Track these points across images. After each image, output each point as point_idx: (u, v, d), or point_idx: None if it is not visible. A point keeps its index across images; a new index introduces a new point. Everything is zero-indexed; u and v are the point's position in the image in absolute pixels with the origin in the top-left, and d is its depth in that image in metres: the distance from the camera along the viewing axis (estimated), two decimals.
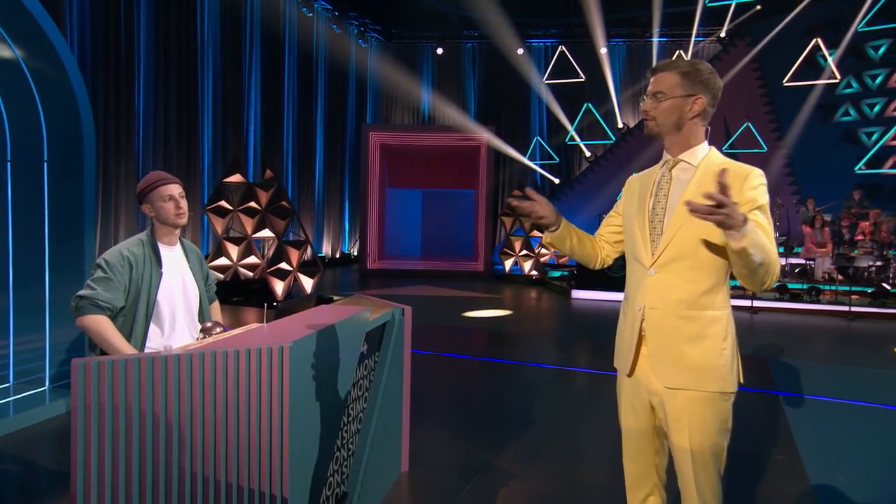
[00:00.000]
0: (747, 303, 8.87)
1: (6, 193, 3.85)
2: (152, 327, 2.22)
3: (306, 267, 8.82)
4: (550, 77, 14.40)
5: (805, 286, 9.44)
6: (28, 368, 3.88)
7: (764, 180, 1.68)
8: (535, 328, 7.45)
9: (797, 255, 11.18)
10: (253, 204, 8.85)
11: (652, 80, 1.79)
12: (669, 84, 1.74)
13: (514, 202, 1.90)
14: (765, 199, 1.66)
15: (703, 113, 1.74)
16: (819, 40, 12.73)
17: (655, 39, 14.84)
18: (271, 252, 8.89)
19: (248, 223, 8.90)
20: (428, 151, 13.57)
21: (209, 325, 2.15)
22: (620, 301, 1.94)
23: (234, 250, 8.83)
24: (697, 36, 14.67)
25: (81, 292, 2.09)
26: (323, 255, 14.16)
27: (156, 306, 2.21)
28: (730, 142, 13.47)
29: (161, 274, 2.25)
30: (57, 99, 3.75)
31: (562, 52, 14.03)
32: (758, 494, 2.85)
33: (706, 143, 1.79)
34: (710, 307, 1.71)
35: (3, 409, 3.46)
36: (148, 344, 2.22)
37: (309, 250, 9.04)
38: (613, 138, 15.17)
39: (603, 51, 14.51)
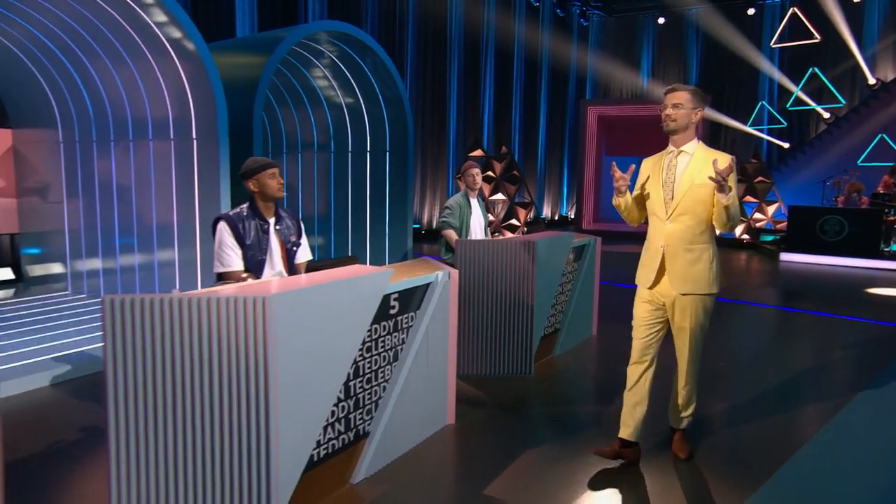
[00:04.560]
0: None
1: (366, 171, 6.69)
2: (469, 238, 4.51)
3: (531, 224, 11.01)
4: (780, 40, 14.04)
5: None
6: None
7: (732, 161, 2.48)
8: (728, 280, 8.46)
9: None
10: (490, 173, 11.27)
11: (669, 95, 2.62)
12: (685, 99, 2.59)
13: (613, 172, 2.70)
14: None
15: (699, 120, 2.67)
16: None
17: None
18: (503, 212, 11.25)
19: (486, 188, 11.37)
20: (645, 121, 14.51)
21: (497, 234, 4.34)
22: (832, 265, 3.33)
23: None
24: None
25: (441, 219, 4.44)
26: (543, 216, 16.26)
27: (469, 228, 4.49)
28: None
29: (471, 213, 4.50)
30: (395, 114, 6.41)
31: (794, 14, 13.56)
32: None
33: (696, 138, 2.69)
34: (701, 243, 2.64)
35: None
36: None
37: (533, 211, 11.20)
38: (843, 101, 14.19)
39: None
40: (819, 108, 14.59)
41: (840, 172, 11.97)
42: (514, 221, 10.88)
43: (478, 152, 11.59)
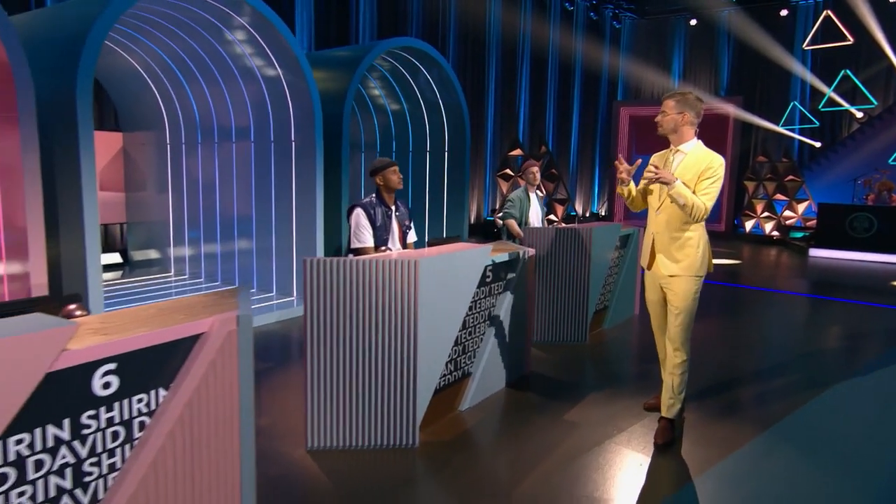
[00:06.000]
0: None
1: (426, 170, 7.45)
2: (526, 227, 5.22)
3: (567, 219, 11.67)
4: (812, 43, 14.38)
5: None
6: None
7: (720, 163, 2.83)
8: (753, 270, 9.00)
9: None
10: None
11: (662, 105, 2.96)
12: (669, 107, 2.92)
13: (618, 164, 3.02)
14: (718, 173, 2.82)
15: (690, 122, 2.92)
16: None
17: None
18: None
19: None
20: None
21: (552, 225, 5.04)
22: (860, 260, 3.87)
23: None
24: None
25: (504, 210, 5.16)
26: (575, 213, 16.85)
27: (528, 219, 5.20)
28: None
29: (529, 206, 5.22)
30: (454, 119, 7.15)
31: (827, 16, 13.90)
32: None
33: (695, 138, 2.95)
34: (687, 230, 2.91)
35: None
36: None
37: (567, 207, 11.85)
38: (874, 102, 14.48)
39: None
40: (852, 109, 14.86)
41: (871, 171, 12.31)
42: (552, 217, 11.55)
43: (517, 151, 12.28)
